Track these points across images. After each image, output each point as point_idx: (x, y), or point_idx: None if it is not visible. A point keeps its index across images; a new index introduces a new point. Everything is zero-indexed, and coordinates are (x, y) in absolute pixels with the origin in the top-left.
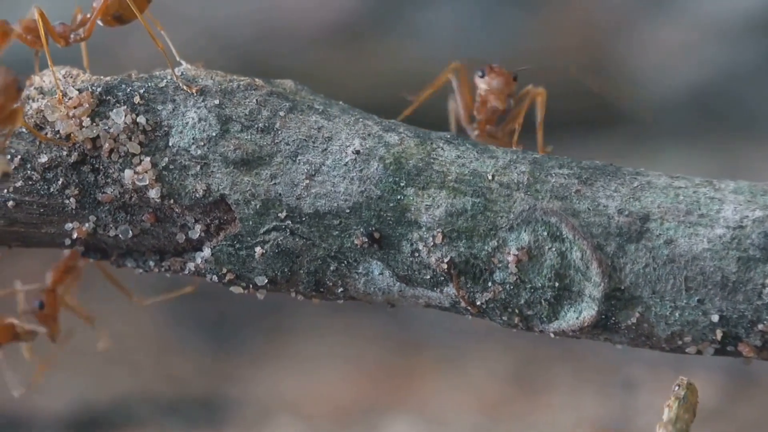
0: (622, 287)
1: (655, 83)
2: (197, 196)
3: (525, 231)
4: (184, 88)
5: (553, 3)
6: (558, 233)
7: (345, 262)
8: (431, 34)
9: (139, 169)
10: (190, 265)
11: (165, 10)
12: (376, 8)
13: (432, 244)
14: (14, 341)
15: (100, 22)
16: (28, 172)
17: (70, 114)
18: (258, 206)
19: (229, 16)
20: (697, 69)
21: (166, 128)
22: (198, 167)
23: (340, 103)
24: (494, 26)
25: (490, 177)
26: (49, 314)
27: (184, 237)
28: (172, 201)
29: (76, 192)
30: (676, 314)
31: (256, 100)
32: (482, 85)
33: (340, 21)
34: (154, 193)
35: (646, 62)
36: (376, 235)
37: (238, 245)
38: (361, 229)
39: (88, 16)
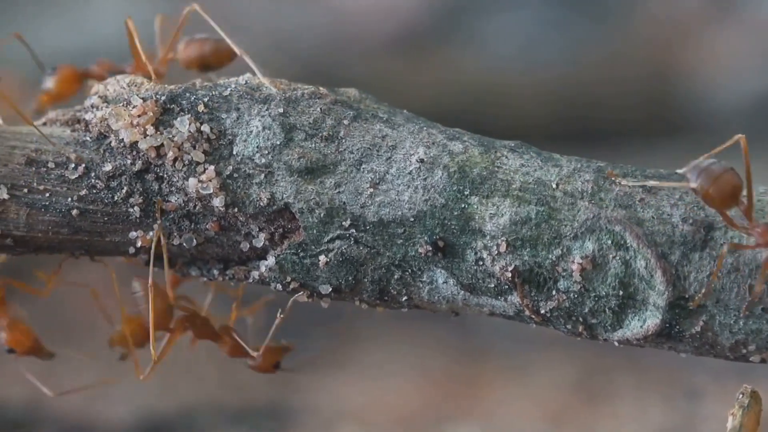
0: (687, 296)
1: (722, 91)
2: (261, 204)
3: (589, 239)
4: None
5: (620, 12)
6: (622, 242)
7: (409, 270)
8: (495, 43)
9: (203, 177)
10: (255, 274)
11: (231, 21)
12: (440, 18)
13: (496, 252)
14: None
15: None
16: (92, 180)
17: (134, 122)
18: (322, 215)
19: (294, 27)
20: (763, 77)
21: (230, 137)
22: (262, 176)
23: (405, 111)
24: (559, 35)
25: (554, 185)
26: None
27: (248, 245)
28: (236, 209)
29: (141, 200)
30: (741, 323)
31: (321, 108)
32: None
33: (405, 30)
34: (218, 202)
35: (712, 70)
36: (441, 243)
37: (302, 254)
38: (426, 238)
39: None
